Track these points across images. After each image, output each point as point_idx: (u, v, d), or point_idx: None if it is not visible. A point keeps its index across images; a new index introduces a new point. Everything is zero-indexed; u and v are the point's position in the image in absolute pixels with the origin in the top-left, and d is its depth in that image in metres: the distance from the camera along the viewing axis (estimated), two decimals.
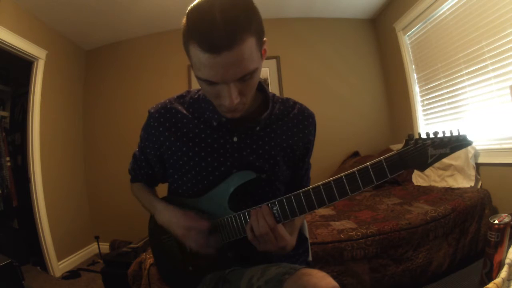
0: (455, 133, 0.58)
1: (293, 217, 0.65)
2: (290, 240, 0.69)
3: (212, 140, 0.75)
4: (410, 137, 0.59)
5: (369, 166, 0.59)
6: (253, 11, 0.56)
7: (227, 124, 0.74)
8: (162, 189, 0.93)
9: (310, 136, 0.82)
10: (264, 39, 0.62)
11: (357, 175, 0.59)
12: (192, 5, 0.56)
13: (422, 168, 0.58)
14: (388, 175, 0.58)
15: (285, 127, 0.79)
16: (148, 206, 0.86)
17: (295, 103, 0.83)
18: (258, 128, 0.75)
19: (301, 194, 0.64)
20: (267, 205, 0.66)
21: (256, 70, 0.59)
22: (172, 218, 0.75)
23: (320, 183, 0.63)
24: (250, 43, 0.54)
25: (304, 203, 0.64)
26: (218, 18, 0.51)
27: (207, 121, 0.76)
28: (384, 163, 0.58)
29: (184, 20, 0.58)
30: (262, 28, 0.59)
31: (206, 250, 0.72)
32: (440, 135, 0.58)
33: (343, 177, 0.60)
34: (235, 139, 0.74)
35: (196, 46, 0.53)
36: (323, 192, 0.62)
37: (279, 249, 0.67)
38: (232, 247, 0.75)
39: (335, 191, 0.61)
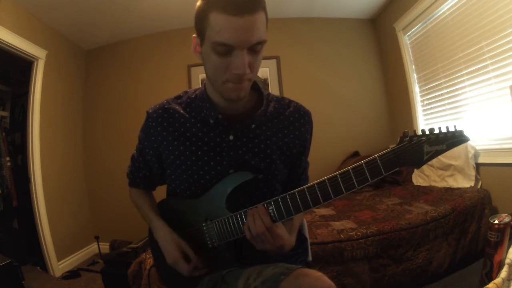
0: (451, 129, 0.58)
1: (288, 216, 0.65)
2: (288, 239, 0.70)
3: (209, 139, 0.75)
4: (405, 134, 0.58)
5: (364, 164, 0.58)
6: None
7: (223, 122, 0.75)
8: (162, 189, 0.93)
9: (306, 134, 0.82)
10: None
11: (352, 174, 0.59)
12: None
13: (417, 165, 0.58)
14: (383, 172, 0.58)
15: (281, 125, 0.79)
16: (145, 219, 0.87)
17: (290, 101, 0.84)
18: (253, 125, 0.76)
19: (296, 193, 0.64)
20: (263, 205, 0.67)
21: (264, 44, 0.65)
22: (164, 243, 0.77)
23: (315, 182, 0.63)
24: (263, 16, 0.63)
25: (300, 203, 0.64)
26: None
27: (204, 119, 0.76)
28: (378, 161, 0.58)
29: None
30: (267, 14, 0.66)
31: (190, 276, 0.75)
32: (436, 131, 0.58)
33: (338, 175, 0.60)
34: (231, 137, 0.75)
35: (220, 11, 0.59)
36: (318, 191, 0.62)
37: (277, 248, 0.67)
38: (229, 247, 0.75)
39: (330, 190, 0.61)
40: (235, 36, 0.60)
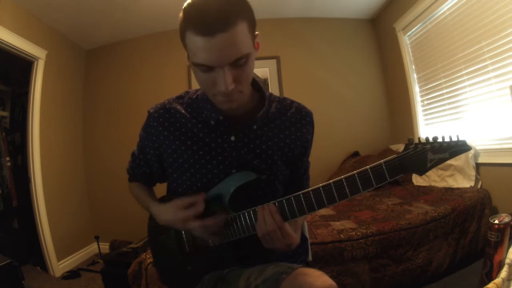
0: (454, 138, 0.59)
1: (292, 218, 0.66)
2: (296, 237, 0.70)
3: (210, 139, 0.75)
4: (410, 141, 0.59)
5: (369, 170, 0.59)
6: (244, 2, 0.61)
7: (224, 123, 0.75)
8: (162, 189, 0.93)
9: (308, 135, 0.82)
10: (257, 32, 0.65)
11: (357, 178, 0.60)
12: (188, 0, 0.60)
13: (421, 172, 0.59)
14: (388, 178, 0.59)
15: (282, 126, 0.79)
16: (144, 207, 0.87)
17: (292, 102, 0.84)
18: (255, 126, 0.76)
19: (301, 195, 0.64)
20: (274, 203, 0.67)
21: (250, 56, 0.62)
22: (167, 217, 0.75)
23: (320, 185, 0.63)
24: (242, 27, 0.58)
25: (304, 205, 0.64)
26: (212, 4, 0.56)
27: (205, 120, 0.76)
28: (384, 167, 0.58)
29: (180, 14, 0.61)
30: (253, 18, 0.63)
31: (211, 235, 0.72)
32: (439, 140, 0.59)
33: (343, 179, 0.61)
34: (232, 138, 0.75)
35: (192, 32, 0.57)
36: (323, 194, 0.62)
37: (286, 246, 0.67)
38: (230, 247, 0.75)
39: (335, 193, 0.61)
40: (210, 57, 0.58)
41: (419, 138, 0.60)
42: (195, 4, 0.58)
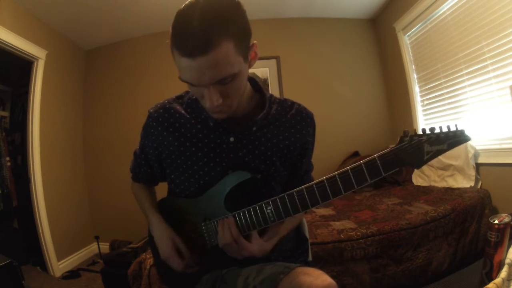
0: (452, 129, 0.56)
1: (286, 216, 0.66)
2: (258, 250, 0.70)
3: (209, 140, 0.75)
4: (405, 133, 0.57)
5: (363, 164, 0.58)
6: (233, 15, 0.56)
7: (223, 124, 0.74)
8: (162, 189, 0.93)
9: (308, 136, 0.81)
10: (254, 42, 0.62)
11: (351, 174, 0.59)
12: (179, 8, 0.57)
13: (418, 166, 0.57)
14: (383, 173, 0.57)
15: (282, 128, 0.78)
16: (144, 213, 0.88)
17: (293, 103, 0.83)
18: (254, 128, 0.75)
19: (294, 193, 0.64)
20: (234, 216, 0.69)
21: (237, 74, 0.59)
22: (159, 237, 0.78)
23: (313, 182, 0.62)
24: (226, 48, 0.55)
25: (298, 203, 0.64)
26: (195, 23, 0.53)
27: (205, 121, 0.76)
28: (378, 161, 0.57)
29: (170, 29, 0.59)
30: (245, 31, 0.59)
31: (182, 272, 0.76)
32: (437, 131, 0.57)
33: (337, 175, 0.60)
34: (231, 139, 0.75)
35: (176, 52, 0.57)
36: (316, 192, 0.62)
37: (243, 257, 0.70)
38: None
39: (329, 190, 0.61)
40: (193, 77, 0.57)
41: (414, 130, 0.58)
42: (179, 23, 0.56)
